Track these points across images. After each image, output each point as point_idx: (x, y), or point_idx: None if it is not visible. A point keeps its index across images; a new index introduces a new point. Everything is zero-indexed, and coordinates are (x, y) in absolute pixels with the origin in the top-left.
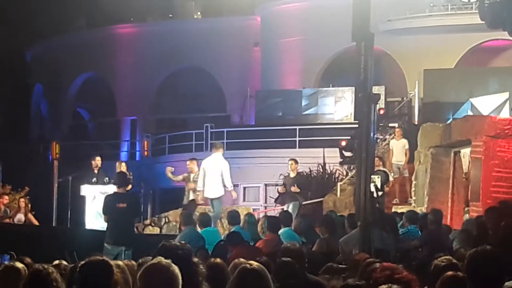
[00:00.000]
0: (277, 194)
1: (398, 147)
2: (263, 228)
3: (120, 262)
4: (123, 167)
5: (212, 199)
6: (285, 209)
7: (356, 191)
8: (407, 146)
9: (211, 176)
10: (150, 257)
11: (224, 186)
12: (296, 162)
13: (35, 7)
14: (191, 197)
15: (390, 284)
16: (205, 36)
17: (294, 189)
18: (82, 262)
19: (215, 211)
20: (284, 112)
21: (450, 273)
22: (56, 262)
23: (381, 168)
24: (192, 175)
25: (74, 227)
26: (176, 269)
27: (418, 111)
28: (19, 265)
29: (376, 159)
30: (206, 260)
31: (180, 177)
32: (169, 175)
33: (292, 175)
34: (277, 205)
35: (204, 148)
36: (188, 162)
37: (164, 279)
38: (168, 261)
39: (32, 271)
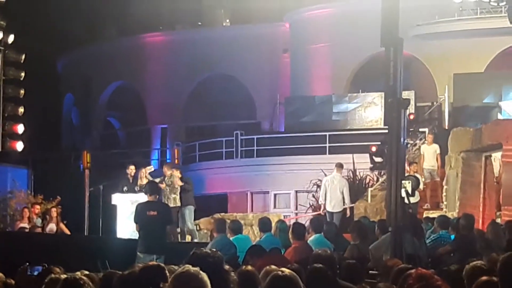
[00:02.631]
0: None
1: (429, 152)
2: None
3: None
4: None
5: (333, 213)
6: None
7: (387, 196)
8: (438, 151)
9: (333, 193)
10: (175, 266)
11: (344, 202)
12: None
13: (65, 16)
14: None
15: None
16: (234, 43)
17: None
18: (140, 266)
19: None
20: (314, 118)
21: (485, 277)
22: (79, 272)
23: (412, 174)
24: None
25: (106, 236)
26: (204, 276)
27: (448, 116)
28: (62, 275)
29: (414, 164)
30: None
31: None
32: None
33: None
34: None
35: (234, 156)
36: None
37: (193, 287)
38: (197, 269)
39: (65, 281)
